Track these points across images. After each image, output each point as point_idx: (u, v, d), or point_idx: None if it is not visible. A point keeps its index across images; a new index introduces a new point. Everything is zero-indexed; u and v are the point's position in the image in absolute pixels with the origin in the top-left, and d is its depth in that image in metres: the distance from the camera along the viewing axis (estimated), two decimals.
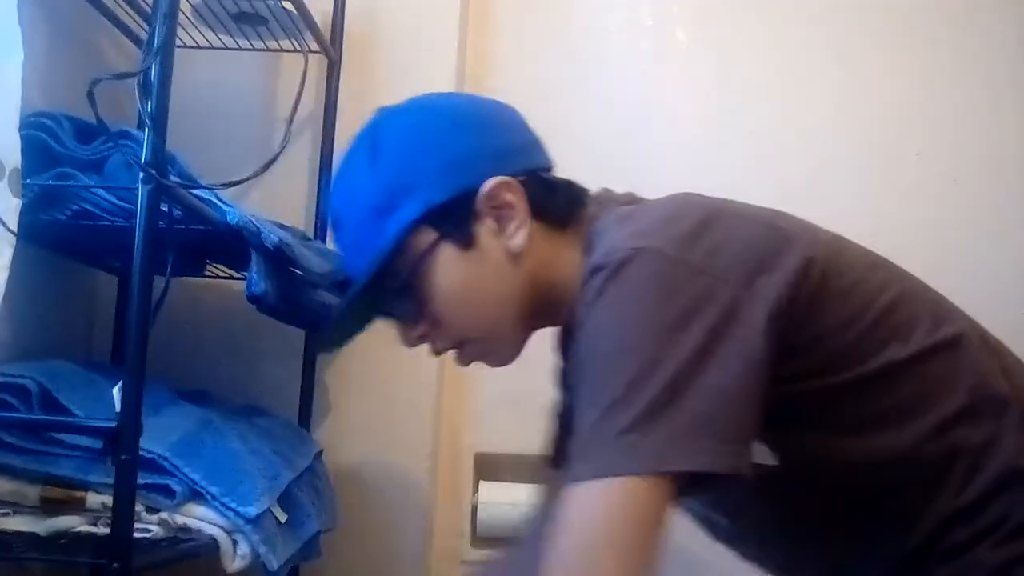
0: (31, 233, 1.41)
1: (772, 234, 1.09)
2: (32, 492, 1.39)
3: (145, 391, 1.22)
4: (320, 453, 1.84)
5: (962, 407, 1.06)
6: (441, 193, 1.19)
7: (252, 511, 1.40)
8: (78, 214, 1.43)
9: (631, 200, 1.24)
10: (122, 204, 1.40)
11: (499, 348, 1.28)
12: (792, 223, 1.13)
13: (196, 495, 1.39)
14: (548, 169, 1.27)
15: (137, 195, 1.22)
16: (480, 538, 2.05)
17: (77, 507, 1.38)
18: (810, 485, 1.11)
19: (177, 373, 1.68)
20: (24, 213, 1.31)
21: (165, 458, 1.37)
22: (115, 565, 1.16)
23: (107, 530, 1.22)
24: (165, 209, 1.26)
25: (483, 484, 2.04)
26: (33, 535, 1.36)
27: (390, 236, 1.20)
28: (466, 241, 1.20)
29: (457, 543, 2.04)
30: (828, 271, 1.08)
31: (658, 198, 1.19)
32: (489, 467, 2.06)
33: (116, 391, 1.20)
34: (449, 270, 1.20)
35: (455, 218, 1.20)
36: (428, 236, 1.20)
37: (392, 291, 1.23)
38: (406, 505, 1.97)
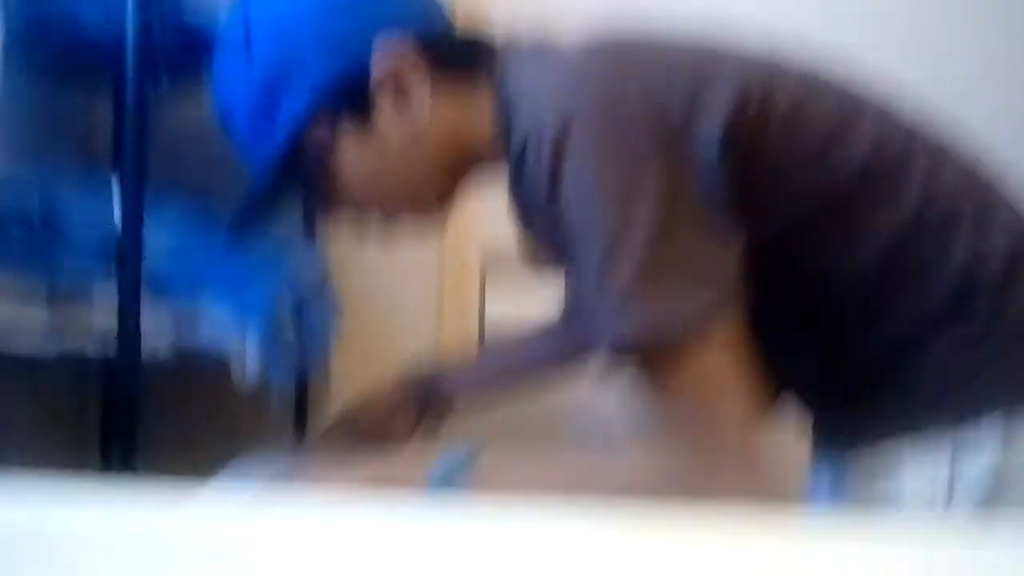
0: (23, 60, 1.38)
1: (702, 69, 1.03)
2: (39, 312, 1.39)
3: (146, 203, 1.21)
4: (325, 265, 1.84)
5: (913, 215, 1.03)
6: (325, 74, 1.10)
7: (259, 324, 1.40)
8: (67, 30, 1.39)
9: (539, 47, 1.14)
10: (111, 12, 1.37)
11: (427, 214, 1.24)
12: (722, 53, 1.07)
13: (202, 309, 1.39)
14: (446, 28, 1.17)
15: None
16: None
17: (82, 328, 1.39)
18: (773, 308, 1.07)
19: (178, 184, 1.66)
20: (14, 39, 1.28)
21: (169, 271, 1.37)
22: (123, 385, 1.17)
23: (114, 353, 1.23)
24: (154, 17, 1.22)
25: (490, 293, 2.04)
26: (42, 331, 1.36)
27: (282, 136, 1.12)
28: (364, 123, 1.12)
29: (464, 351, 2.06)
30: (765, 100, 1.02)
31: (568, 47, 1.09)
32: (496, 276, 2.06)
33: (116, 204, 1.19)
34: (353, 158, 1.13)
35: (347, 100, 1.11)
36: (323, 127, 1.12)
37: (300, 186, 1.17)
38: (412, 316, 1.98)
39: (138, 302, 1.21)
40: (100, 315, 1.36)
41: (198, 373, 1.49)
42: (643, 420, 0.99)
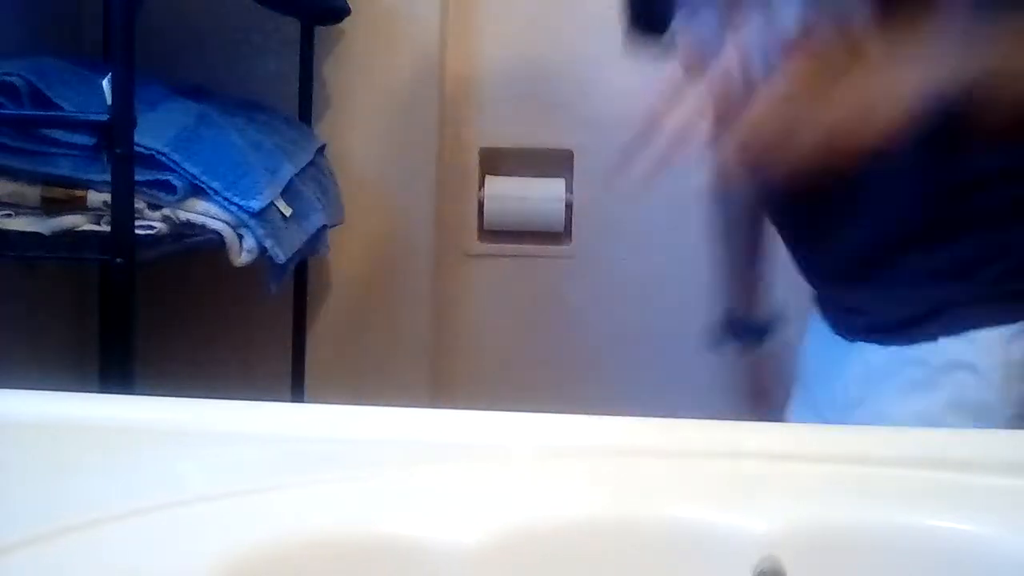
0: None
1: None
2: (32, 193, 1.37)
3: (139, 86, 1.18)
4: (323, 148, 1.81)
5: None
6: None
7: (255, 205, 1.38)
8: None
9: None
10: None
11: None
12: None
13: (198, 191, 1.36)
14: None
15: None
16: (487, 232, 2.04)
17: (78, 206, 1.36)
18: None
19: (171, 69, 1.63)
20: None
21: (163, 153, 1.34)
22: (118, 260, 1.16)
23: (109, 228, 1.21)
24: None
25: (489, 178, 2.02)
26: (37, 235, 1.35)
27: None
28: None
29: (464, 237, 2.05)
30: None
31: None
32: (495, 161, 2.04)
33: (106, 83, 1.16)
34: None
35: None
36: None
37: None
38: (412, 200, 1.96)
39: (132, 183, 1.18)
40: (95, 200, 1.35)
41: (194, 251, 1.47)
42: None
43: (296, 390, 1.88)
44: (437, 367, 2.01)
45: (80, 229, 1.36)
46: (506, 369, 2.03)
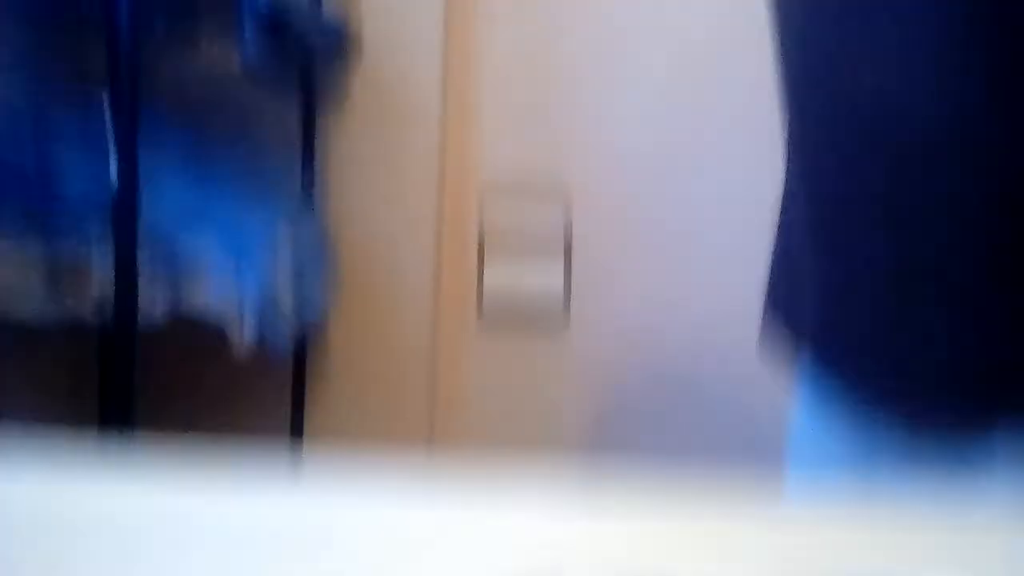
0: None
1: None
2: (34, 270, 1.36)
3: (143, 158, 1.18)
4: (323, 228, 1.82)
5: None
6: None
7: (257, 284, 1.38)
8: None
9: None
10: None
11: None
12: None
13: (200, 268, 1.36)
14: None
15: None
16: (487, 317, 2.03)
17: (81, 283, 1.36)
18: None
19: (176, 128, 1.62)
20: None
21: (166, 230, 1.34)
22: (120, 339, 1.15)
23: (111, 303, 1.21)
24: None
25: (488, 268, 2.01)
26: (38, 311, 1.34)
27: None
28: None
29: (464, 321, 2.03)
30: None
31: None
32: (495, 246, 2.03)
33: (112, 159, 1.16)
34: None
35: None
36: None
37: None
38: (409, 285, 1.96)
39: (135, 262, 1.19)
40: (97, 279, 1.34)
41: (195, 340, 1.46)
42: None
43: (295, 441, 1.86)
44: (435, 428, 1.99)
45: (82, 307, 1.36)
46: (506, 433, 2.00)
